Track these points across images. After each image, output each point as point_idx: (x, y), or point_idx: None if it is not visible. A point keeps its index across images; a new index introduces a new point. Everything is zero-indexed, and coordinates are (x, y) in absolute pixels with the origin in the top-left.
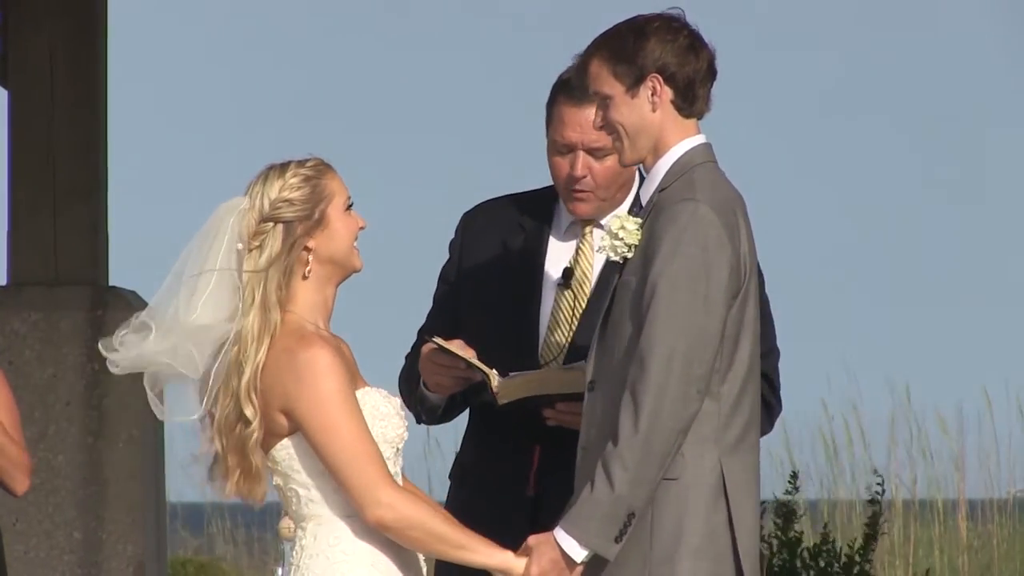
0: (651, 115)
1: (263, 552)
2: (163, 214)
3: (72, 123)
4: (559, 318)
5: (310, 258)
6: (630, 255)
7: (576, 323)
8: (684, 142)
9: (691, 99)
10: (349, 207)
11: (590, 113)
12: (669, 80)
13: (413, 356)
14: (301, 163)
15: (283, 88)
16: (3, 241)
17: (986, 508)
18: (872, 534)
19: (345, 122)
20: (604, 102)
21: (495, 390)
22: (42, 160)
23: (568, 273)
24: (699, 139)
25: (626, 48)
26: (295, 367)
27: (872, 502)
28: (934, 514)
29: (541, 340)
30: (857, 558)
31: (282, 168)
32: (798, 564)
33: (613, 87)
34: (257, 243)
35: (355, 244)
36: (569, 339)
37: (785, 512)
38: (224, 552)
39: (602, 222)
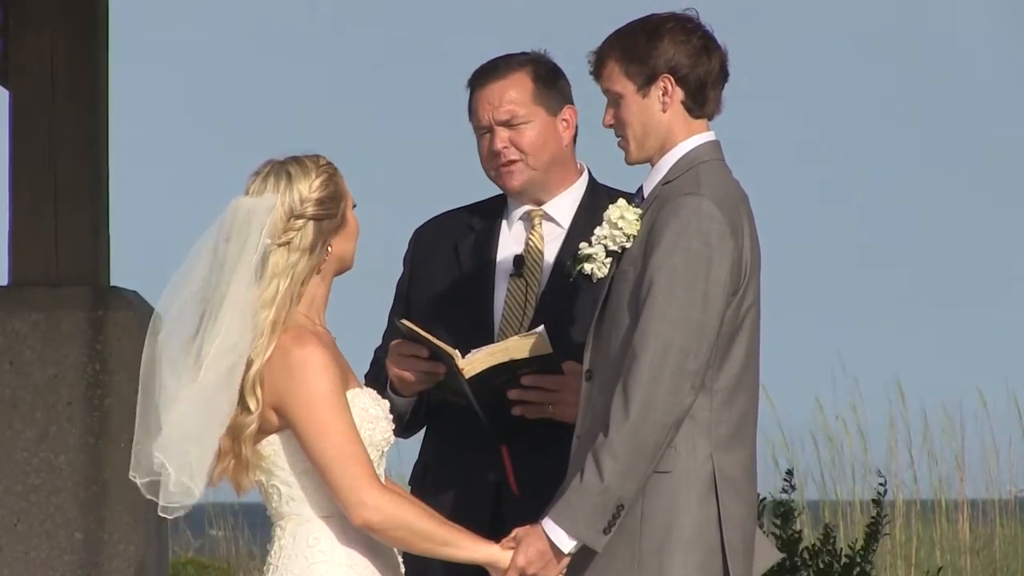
0: (660, 115)
1: (264, 553)
2: (165, 214)
3: (73, 123)
4: (512, 306)
5: (327, 256)
6: (628, 245)
7: (531, 310)
8: (692, 138)
9: (702, 101)
10: (353, 206)
11: (495, 87)
12: (681, 81)
13: (375, 368)
14: (316, 160)
15: (286, 86)
16: (4, 241)
17: (988, 508)
18: (873, 534)
19: (349, 119)
20: (615, 100)
21: (461, 367)
22: (43, 160)
23: (519, 261)
24: (708, 136)
25: (639, 47)
26: (288, 364)
27: (875, 502)
28: (936, 514)
29: (496, 328)
30: (858, 559)
31: (303, 165)
32: (797, 563)
33: (624, 86)
34: (287, 240)
35: None
36: (523, 326)
37: (783, 512)
38: (225, 553)
39: (603, 214)
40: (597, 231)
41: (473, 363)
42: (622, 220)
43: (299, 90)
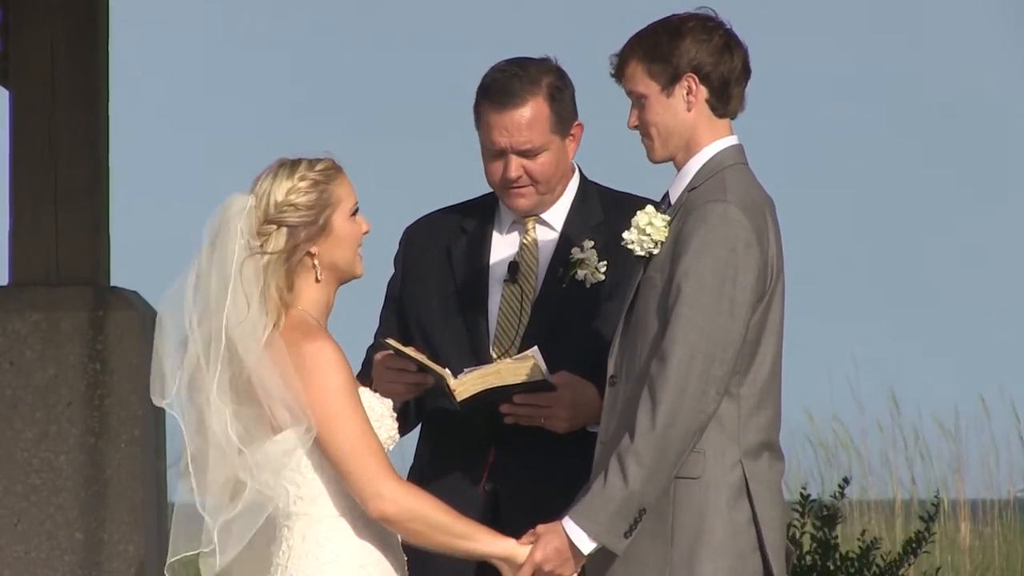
0: (685, 114)
1: None
2: (165, 213)
3: (73, 122)
4: (507, 312)
5: (316, 263)
6: (656, 251)
7: (526, 316)
8: (716, 143)
9: (726, 99)
10: (355, 212)
11: (515, 115)
12: (704, 80)
13: (366, 368)
14: (312, 165)
15: (287, 86)
16: (4, 241)
17: (987, 509)
18: (914, 549)
19: (350, 121)
20: (639, 102)
21: (452, 388)
22: (43, 159)
23: (513, 268)
24: (731, 140)
25: (661, 48)
26: (300, 359)
27: (923, 519)
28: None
29: (491, 335)
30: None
31: (292, 168)
32: (830, 567)
33: (648, 87)
34: (258, 244)
35: (359, 250)
36: (519, 332)
37: (826, 516)
38: None
39: (632, 220)
40: (625, 235)
41: (464, 384)
42: (650, 226)
43: (301, 90)
